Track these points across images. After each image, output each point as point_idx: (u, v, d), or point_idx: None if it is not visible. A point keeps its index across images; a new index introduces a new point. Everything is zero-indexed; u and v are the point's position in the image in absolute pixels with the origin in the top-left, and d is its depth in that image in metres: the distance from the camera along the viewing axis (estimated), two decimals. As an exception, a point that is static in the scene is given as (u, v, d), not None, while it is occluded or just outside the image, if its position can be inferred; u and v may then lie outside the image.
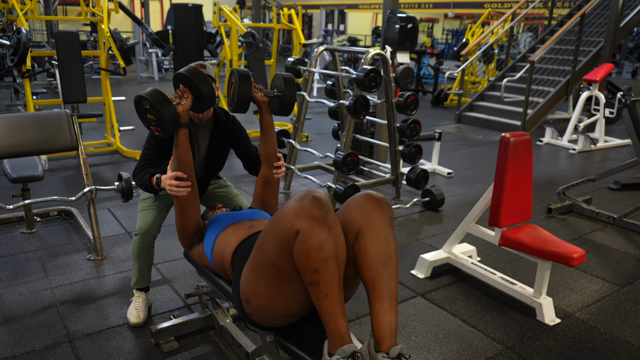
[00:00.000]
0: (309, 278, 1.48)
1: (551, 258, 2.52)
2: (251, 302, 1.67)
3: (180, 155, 1.94)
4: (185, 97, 1.91)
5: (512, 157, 2.60)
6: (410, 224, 3.87)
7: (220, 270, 1.98)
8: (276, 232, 1.53)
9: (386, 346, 1.49)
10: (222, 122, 2.40)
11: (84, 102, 5.19)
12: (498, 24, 9.19)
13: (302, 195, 1.53)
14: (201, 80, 1.90)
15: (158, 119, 1.83)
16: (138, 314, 2.43)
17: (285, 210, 1.52)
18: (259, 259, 1.62)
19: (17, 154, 3.05)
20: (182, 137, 1.92)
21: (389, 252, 1.58)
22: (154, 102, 1.80)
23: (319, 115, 8.16)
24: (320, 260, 1.46)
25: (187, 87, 1.93)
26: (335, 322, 1.49)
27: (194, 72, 1.90)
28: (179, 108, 1.88)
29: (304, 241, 1.46)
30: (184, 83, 1.93)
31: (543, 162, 5.90)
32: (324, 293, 1.48)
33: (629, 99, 3.80)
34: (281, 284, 1.58)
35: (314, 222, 1.47)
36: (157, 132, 1.87)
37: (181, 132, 1.92)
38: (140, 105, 1.86)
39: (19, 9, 4.79)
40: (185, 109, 1.90)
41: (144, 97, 1.82)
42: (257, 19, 14.91)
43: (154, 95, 1.81)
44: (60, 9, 15.92)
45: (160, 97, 1.82)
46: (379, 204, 1.62)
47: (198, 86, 1.89)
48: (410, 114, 4.00)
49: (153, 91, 1.83)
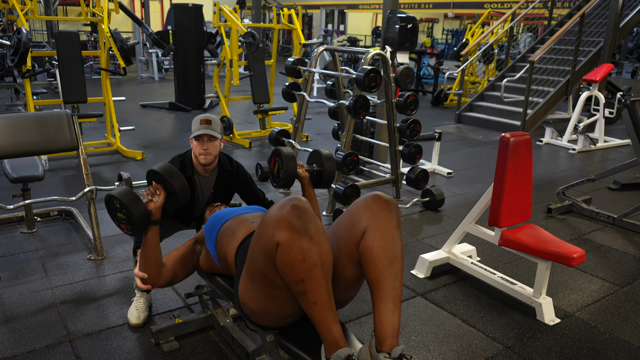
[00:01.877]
0: (295, 288, 1.48)
1: (551, 258, 2.52)
2: (247, 305, 1.68)
3: (147, 253, 1.91)
4: (158, 195, 1.89)
5: (512, 157, 2.60)
6: (410, 224, 3.88)
7: (223, 266, 1.98)
8: (260, 242, 1.53)
9: (388, 346, 1.49)
10: (226, 172, 2.46)
11: (84, 102, 5.19)
12: (498, 24, 9.19)
13: (282, 204, 1.52)
14: (174, 178, 1.89)
15: (128, 218, 1.81)
16: (139, 314, 2.43)
17: (266, 220, 1.51)
18: (251, 266, 1.62)
19: (17, 154, 3.06)
20: (150, 235, 1.89)
21: (396, 252, 1.58)
22: (124, 202, 1.78)
23: (319, 115, 8.16)
24: (304, 271, 1.45)
25: (159, 184, 1.91)
26: (328, 328, 1.49)
27: (166, 169, 1.90)
28: (150, 205, 1.86)
29: (285, 252, 1.45)
30: (157, 180, 1.92)
31: (543, 162, 5.90)
32: (312, 302, 1.48)
33: (629, 99, 3.80)
34: (272, 290, 1.58)
35: (293, 233, 1.46)
36: (127, 230, 1.86)
37: (150, 230, 1.89)
38: (111, 203, 1.85)
39: (20, 9, 4.80)
40: (157, 206, 1.88)
41: (114, 197, 1.81)
42: (257, 19, 14.91)
43: (124, 195, 1.80)
44: (61, 9, 15.92)
45: (130, 197, 1.80)
46: (387, 205, 1.62)
47: (171, 183, 1.88)
48: (410, 114, 4.00)
49: (123, 190, 1.82)
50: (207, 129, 2.31)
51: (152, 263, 1.92)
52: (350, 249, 1.61)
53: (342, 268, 1.65)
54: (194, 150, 2.37)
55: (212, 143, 2.33)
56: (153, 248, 1.91)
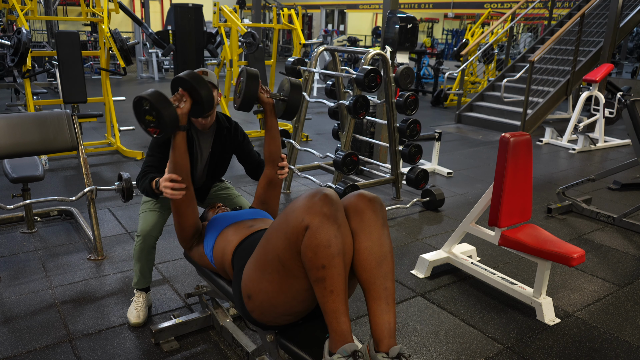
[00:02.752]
0: (315, 274, 1.49)
1: (551, 258, 2.52)
2: (253, 299, 1.67)
3: (177, 158, 1.93)
4: (184, 101, 1.91)
5: (512, 157, 2.60)
6: (410, 224, 3.88)
7: (220, 270, 1.98)
8: (285, 227, 1.53)
9: (385, 346, 1.49)
10: (224, 129, 2.41)
11: (84, 102, 5.19)
12: (498, 24, 9.19)
13: (313, 192, 1.53)
14: (200, 84, 1.89)
15: (158, 120, 1.81)
16: (138, 314, 2.43)
17: (295, 206, 1.53)
18: (265, 255, 1.62)
19: (17, 154, 3.06)
20: (179, 140, 1.91)
21: (384, 252, 1.58)
22: (154, 103, 1.79)
23: (319, 115, 8.16)
24: (327, 257, 1.47)
25: (186, 90, 1.92)
26: (339, 319, 1.49)
27: (193, 76, 1.90)
28: (177, 111, 1.87)
29: (313, 237, 1.47)
30: (183, 87, 1.92)
31: (543, 162, 5.90)
32: (329, 290, 1.48)
33: (629, 99, 3.80)
34: (285, 280, 1.58)
35: (324, 219, 1.48)
36: (156, 134, 1.85)
37: (179, 135, 1.91)
38: (140, 106, 1.84)
39: (20, 9, 4.80)
40: (184, 112, 1.89)
41: (144, 98, 1.81)
42: (257, 19, 14.91)
43: (155, 96, 1.80)
44: (61, 9, 15.92)
45: (161, 98, 1.81)
46: (371, 204, 1.62)
47: (197, 90, 1.88)
48: (410, 114, 4.00)
49: (154, 92, 1.82)
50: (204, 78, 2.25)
51: (183, 168, 1.95)
52: None
53: None
54: None
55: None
56: (182, 153, 1.93)
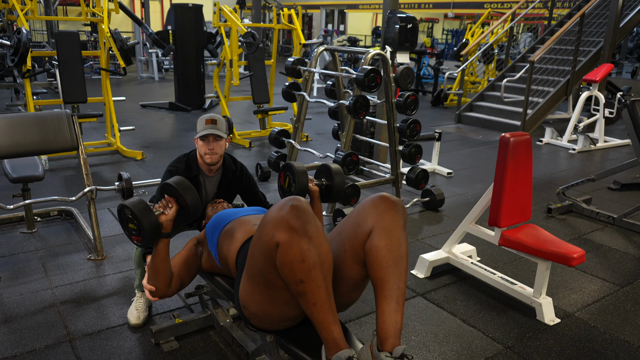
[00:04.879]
0: (295, 289, 1.48)
1: (551, 258, 2.52)
2: (247, 308, 1.68)
3: (157, 265, 1.90)
4: (170, 207, 1.89)
5: (512, 157, 2.60)
6: (410, 224, 3.87)
7: (224, 268, 1.98)
8: (259, 243, 1.53)
9: (390, 345, 1.49)
10: (230, 172, 2.48)
11: (84, 102, 5.19)
12: (498, 24, 9.19)
13: (281, 204, 1.51)
14: (187, 191, 1.89)
15: (139, 229, 1.80)
16: (138, 314, 2.43)
17: (266, 220, 1.51)
18: (250, 268, 1.62)
19: (17, 154, 3.06)
20: (161, 247, 1.88)
21: (401, 252, 1.58)
22: (135, 212, 1.77)
23: (319, 115, 8.16)
24: (303, 271, 1.45)
25: (172, 197, 1.91)
26: (328, 329, 1.49)
27: (180, 182, 1.91)
28: (162, 218, 1.85)
29: (285, 253, 1.45)
30: (169, 193, 1.92)
31: (543, 162, 5.90)
32: (312, 302, 1.48)
33: (629, 99, 3.80)
34: (273, 292, 1.58)
35: (292, 233, 1.46)
36: (138, 242, 1.85)
37: (161, 243, 1.88)
38: (123, 213, 1.84)
39: (20, 9, 4.80)
40: (169, 219, 1.87)
41: (125, 206, 1.81)
42: (257, 19, 14.91)
43: (136, 205, 1.79)
44: (61, 9, 15.92)
45: (142, 207, 1.79)
46: (394, 206, 1.63)
47: (183, 197, 1.88)
48: (410, 114, 4.00)
49: (136, 201, 1.81)
50: (212, 128, 2.31)
51: (161, 275, 1.91)
52: (356, 249, 1.62)
53: (347, 268, 1.65)
54: (200, 149, 2.37)
55: (218, 143, 2.34)
56: (163, 260, 1.90)
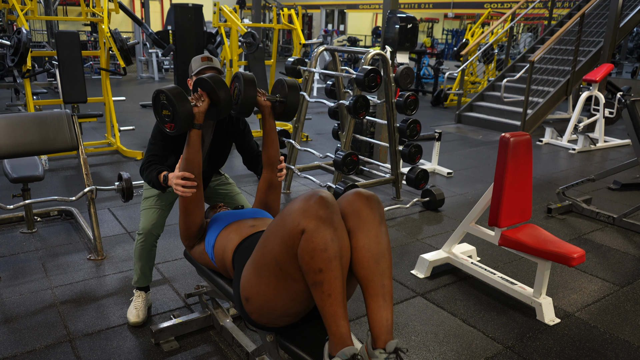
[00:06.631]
0: (312, 278, 1.49)
1: (551, 258, 2.52)
2: (251, 301, 1.67)
3: (191, 156, 1.95)
4: (202, 100, 1.94)
5: (512, 157, 2.60)
6: (410, 224, 3.88)
7: (221, 269, 1.98)
8: (281, 230, 1.53)
9: (383, 342, 1.50)
10: (227, 116, 2.40)
11: (84, 102, 5.19)
12: (498, 24, 9.19)
13: (309, 195, 1.53)
14: (220, 88, 1.91)
15: (173, 115, 1.84)
16: (137, 313, 2.43)
17: (292, 209, 1.53)
18: (262, 258, 1.62)
19: (17, 154, 3.06)
20: (194, 138, 1.94)
21: (381, 249, 1.58)
22: (171, 97, 1.81)
23: (319, 115, 8.16)
24: (324, 261, 1.46)
25: (205, 91, 1.94)
26: (337, 323, 1.49)
27: (216, 79, 1.93)
28: (194, 109, 1.90)
29: (309, 240, 1.47)
30: (203, 87, 1.95)
31: (543, 162, 5.90)
32: (327, 293, 1.48)
33: (629, 99, 3.80)
34: (283, 283, 1.58)
35: (319, 222, 1.48)
36: (170, 129, 1.88)
37: (194, 133, 1.93)
38: (158, 99, 1.88)
39: (20, 9, 4.80)
40: (201, 110, 1.92)
41: (162, 92, 1.84)
42: (257, 19, 14.91)
43: (173, 91, 1.83)
44: (61, 9, 15.92)
45: (178, 92, 1.83)
46: (368, 202, 1.62)
47: (217, 92, 1.90)
48: (410, 114, 4.00)
49: (173, 87, 1.85)
50: (209, 64, 2.25)
51: (196, 166, 1.96)
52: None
53: None
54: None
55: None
56: (196, 152, 1.95)
